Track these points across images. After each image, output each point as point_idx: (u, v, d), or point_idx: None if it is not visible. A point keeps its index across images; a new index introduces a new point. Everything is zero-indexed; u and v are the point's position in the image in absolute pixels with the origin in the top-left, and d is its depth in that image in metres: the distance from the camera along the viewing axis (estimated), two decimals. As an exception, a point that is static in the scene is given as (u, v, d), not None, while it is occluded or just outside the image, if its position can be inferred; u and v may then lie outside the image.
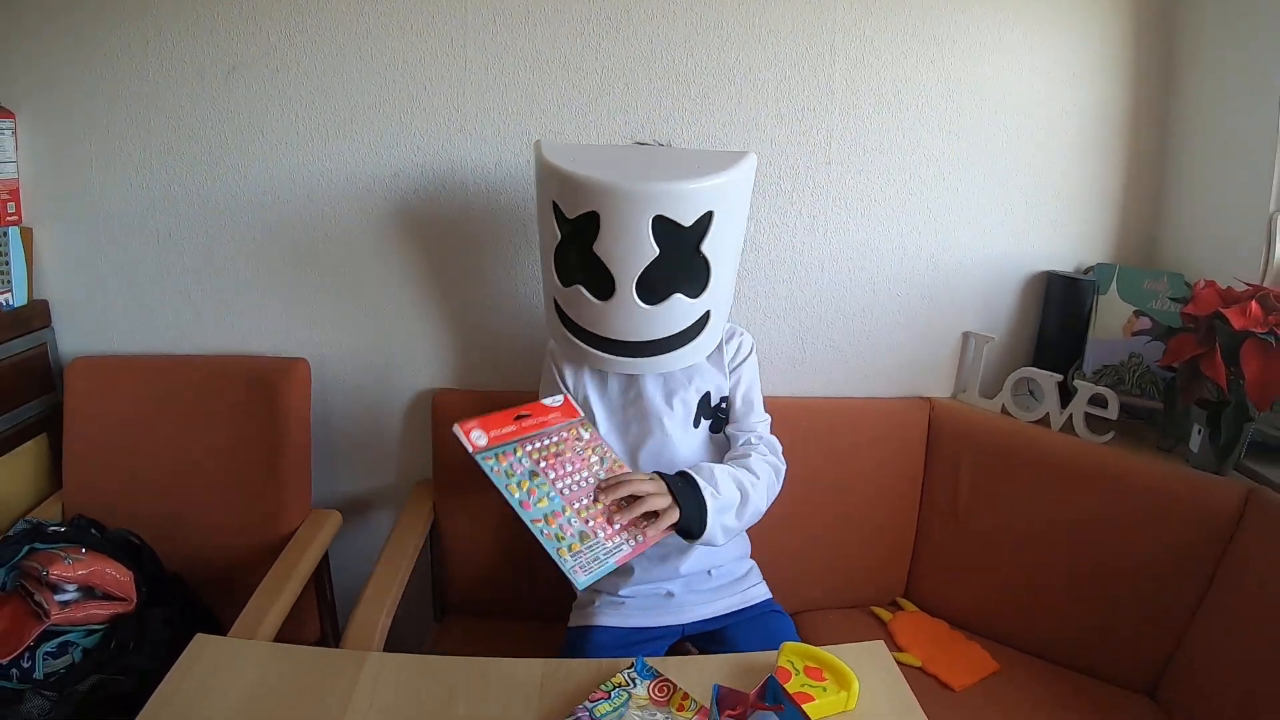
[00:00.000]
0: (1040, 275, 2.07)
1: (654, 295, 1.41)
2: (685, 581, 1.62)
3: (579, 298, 1.44)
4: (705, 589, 1.64)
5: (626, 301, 1.40)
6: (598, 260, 1.38)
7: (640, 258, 1.37)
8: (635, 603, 1.61)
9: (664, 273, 1.40)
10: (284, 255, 1.89)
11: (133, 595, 1.60)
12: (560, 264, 1.46)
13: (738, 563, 1.70)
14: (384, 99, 1.82)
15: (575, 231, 1.40)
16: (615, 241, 1.36)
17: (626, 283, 1.39)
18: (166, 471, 1.83)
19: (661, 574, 1.61)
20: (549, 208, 1.42)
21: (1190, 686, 1.67)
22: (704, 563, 1.63)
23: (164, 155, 1.83)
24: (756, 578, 1.72)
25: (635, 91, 1.85)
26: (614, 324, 1.44)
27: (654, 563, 1.60)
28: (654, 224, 1.35)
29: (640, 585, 1.61)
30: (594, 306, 1.43)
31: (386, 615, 1.51)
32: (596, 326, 1.46)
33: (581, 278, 1.42)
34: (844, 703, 1.18)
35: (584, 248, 1.38)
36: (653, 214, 1.35)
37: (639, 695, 1.18)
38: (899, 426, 2.01)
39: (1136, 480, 1.78)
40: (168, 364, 1.88)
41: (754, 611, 1.66)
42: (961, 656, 1.82)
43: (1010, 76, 1.94)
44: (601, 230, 1.36)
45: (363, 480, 2.07)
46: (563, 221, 1.41)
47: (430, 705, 1.15)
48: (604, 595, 1.62)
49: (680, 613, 1.62)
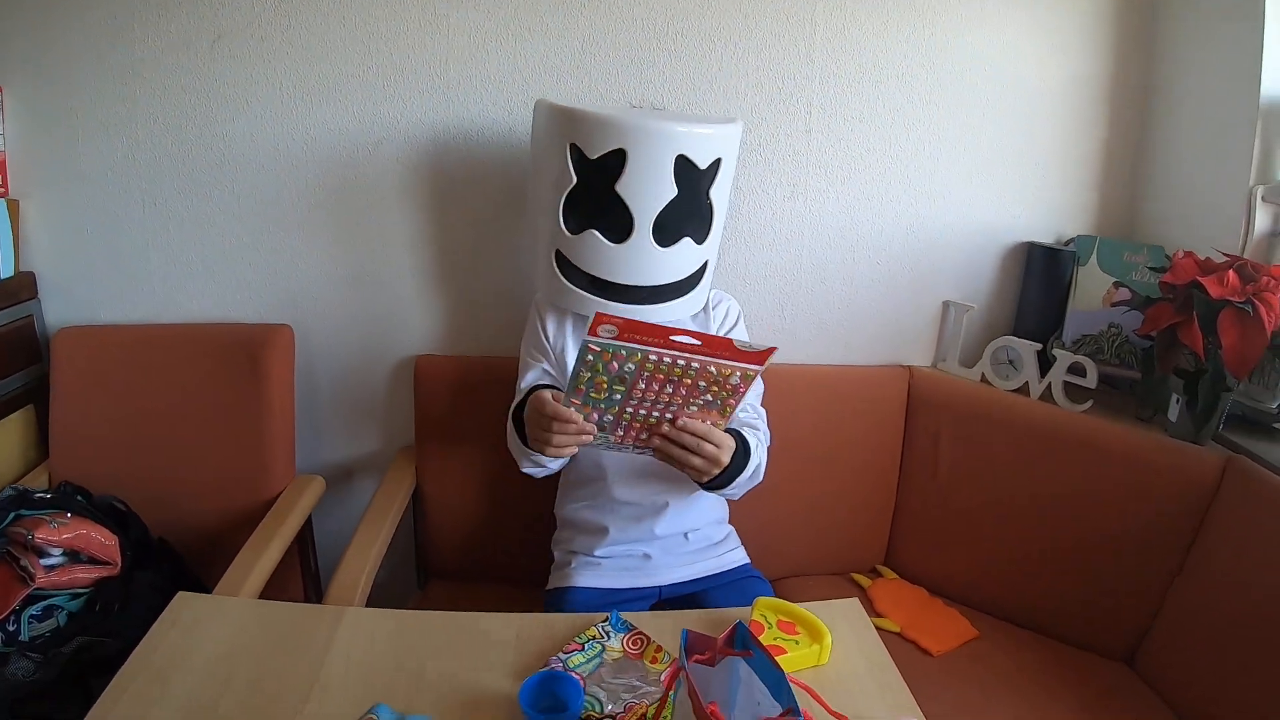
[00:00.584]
0: (1021, 246, 2.08)
1: (667, 238, 1.48)
2: (662, 544, 1.63)
3: (591, 243, 1.47)
4: (682, 552, 1.65)
5: (642, 242, 1.46)
6: (618, 200, 1.43)
7: (661, 197, 1.44)
8: (611, 563, 1.62)
9: (678, 215, 1.47)
10: (268, 223, 1.89)
11: (118, 559, 1.61)
12: (572, 210, 1.48)
13: (715, 527, 1.71)
14: (368, 66, 1.82)
15: (596, 173, 1.43)
16: (640, 180, 1.42)
17: (645, 223, 1.45)
18: (152, 439, 1.83)
19: (637, 534, 1.62)
20: (563, 153, 1.44)
21: (1168, 654, 1.69)
22: (680, 526, 1.64)
23: (150, 125, 1.83)
24: (734, 543, 1.73)
25: (616, 60, 1.86)
26: (626, 267, 1.48)
27: (629, 523, 1.61)
28: (676, 163, 1.43)
29: (616, 546, 1.62)
30: (608, 250, 1.47)
31: (367, 576, 1.52)
32: (607, 272, 1.49)
33: (597, 221, 1.46)
34: (816, 656, 1.20)
35: (604, 189, 1.43)
36: (676, 152, 1.42)
37: (613, 648, 1.20)
38: (879, 394, 2.02)
39: (1115, 449, 1.80)
40: (153, 332, 1.89)
41: (731, 576, 1.67)
42: (940, 622, 1.84)
43: (992, 48, 1.95)
44: (628, 168, 1.41)
45: (347, 446, 2.08)
46: (582, 164, 1.44)
47: (407, 658, 1.17)
48: (580, 556, 1.64)
49: (657, 575, 1.63)
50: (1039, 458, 1.86)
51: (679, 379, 1.21)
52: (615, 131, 1.40)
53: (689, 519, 1.64)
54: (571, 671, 1.13)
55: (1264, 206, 1.81)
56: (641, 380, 1.21)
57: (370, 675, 1.13)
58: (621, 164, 1.41)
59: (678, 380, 1.21)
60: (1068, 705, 1.63)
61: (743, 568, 1.70)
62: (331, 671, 1.13)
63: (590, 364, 1.17)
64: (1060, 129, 2.03)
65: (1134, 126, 2.06)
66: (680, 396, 1.25)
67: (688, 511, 1.64)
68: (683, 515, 1.63)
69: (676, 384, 1.22)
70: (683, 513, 1.62)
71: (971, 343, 2.07)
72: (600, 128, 1.41)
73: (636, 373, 1.19)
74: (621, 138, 1.40)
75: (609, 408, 1.26)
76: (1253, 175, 1.81)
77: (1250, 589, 1.55)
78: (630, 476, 1.60)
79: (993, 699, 1.63)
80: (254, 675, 1.12)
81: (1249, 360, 1.62)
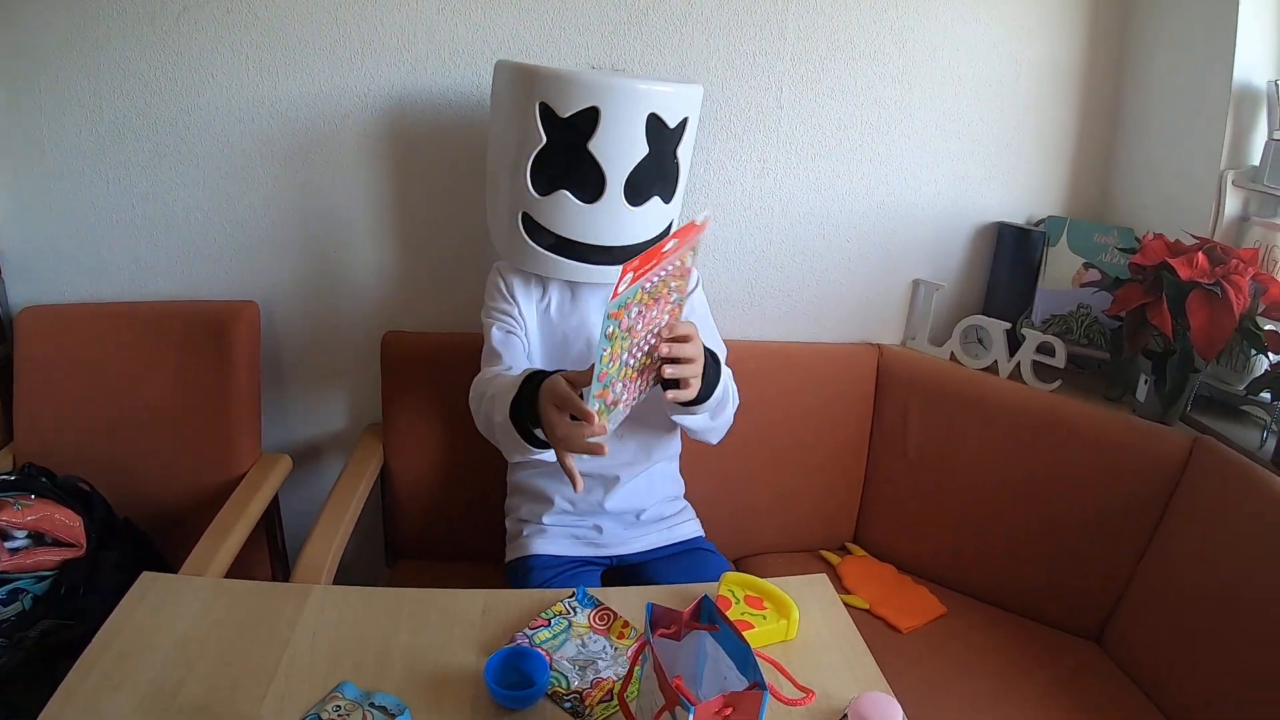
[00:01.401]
0: (991, 225, 2.09)
1: (637, 197, 1.47)
2: (613, 519, 1.63)
3: (561, 203, 1.45)
4: (633, 525, 1.66)
5: (613, 201, 1.45)
6: (590, 159, 1.42)
7: (633, 155, 1.44)
8: (561, 531, 1.62)
9: (648, 174, 1.46)
10: (234, 199, 1.87)
11: (82, 541, 1.58)
12: (540, 171, 1.46)
13: (668, 504, 1.71)
14: (334, 38, 1.79)
15: (567, 131, 1.42)
16: (612, 138, 1.41)
17: (617, 181, 1.44)
18: (117, 418, 1.81)
19: (586, 506, 1.62)
20: (531, 113, 1.42)
21: (1135, 631, 1.71)
22: (632, 503, 1.64)
23: (115, 100, 1.79)
24: (689, 515, 1.74)
25: (586, 32, 1.84)
26: (597, 227, 1.47)
27: (578, 496, 1.60)
28: (647, 122, 1.42)
29: (565, 515, 1.63)
30: (578, 210, 1.45)
31: (334, 555, 1.51)
32: (578, 232, 1.47)
33: (568, 181, 1.44)
34: (784, 631, 1.20)
35: (575, 148, 1.42)
36: (648, 111, 1.42)
37: (579, 623, 1.20)
38: (848, 372, 2.03)
39: (1083, 428, 1.81)
40: (117, 310, 1.86)
41: (683, 547, 1.68)
42: (909, 599, 1.85)
43: (965, 28, 1.95)
44: (600, 126, 1.40)
45: (314, 424, 2.06)
46: (552, 122, 1.42)
47: (373, 635, 1.16)
48: (529, 524, 1.64)
49: (608, 547, 1.63)
50: (1008, 436, 1.87)
51: (659, 294, 1.15)
52: (589, 89, 1.39)
53: (640, 497, 1.64)
54: (538, 647, 1.13)
55: (1234, 190, 1.83)
56: (639, 321, 1.12)
57: (336, 653, 1.12)
58: (594, 122, 1.40)
59: (659, 296, 1.16)
60: (1036, 682, 1.65)
61: (694, 539, 1.70)
62: (298, 650, 1.12)
63: (612, 335, 1.08)
64: (1032, 109, 2.03)
65: (1106, 108, 2.07)
66: (659, 310, 1.18)
67: (640, 489, 1.64)
68: (635, 492, 1.63)
69: (658, 300, 1.16)
70: (635, 490, 1.63)
71: (941, 321, 2.08)
72: (573, 85, 1.40)
73: (636, 315, 1.12)
74: (595, 95, 1.39)
75: (620, 373, 1.14)
76: (1224, 159, 1.82)
77: (1216, 567, 1.57)
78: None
79: (961, 675, 1.65)
80: (220, 655, 1.11)
81: (1217, 342, 1.63)
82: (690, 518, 1.73)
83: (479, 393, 1.43)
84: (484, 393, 1.40)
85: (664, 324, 1.20)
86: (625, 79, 1.41)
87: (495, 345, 1.52)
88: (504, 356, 1.49)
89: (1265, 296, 1.68)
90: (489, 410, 1.36)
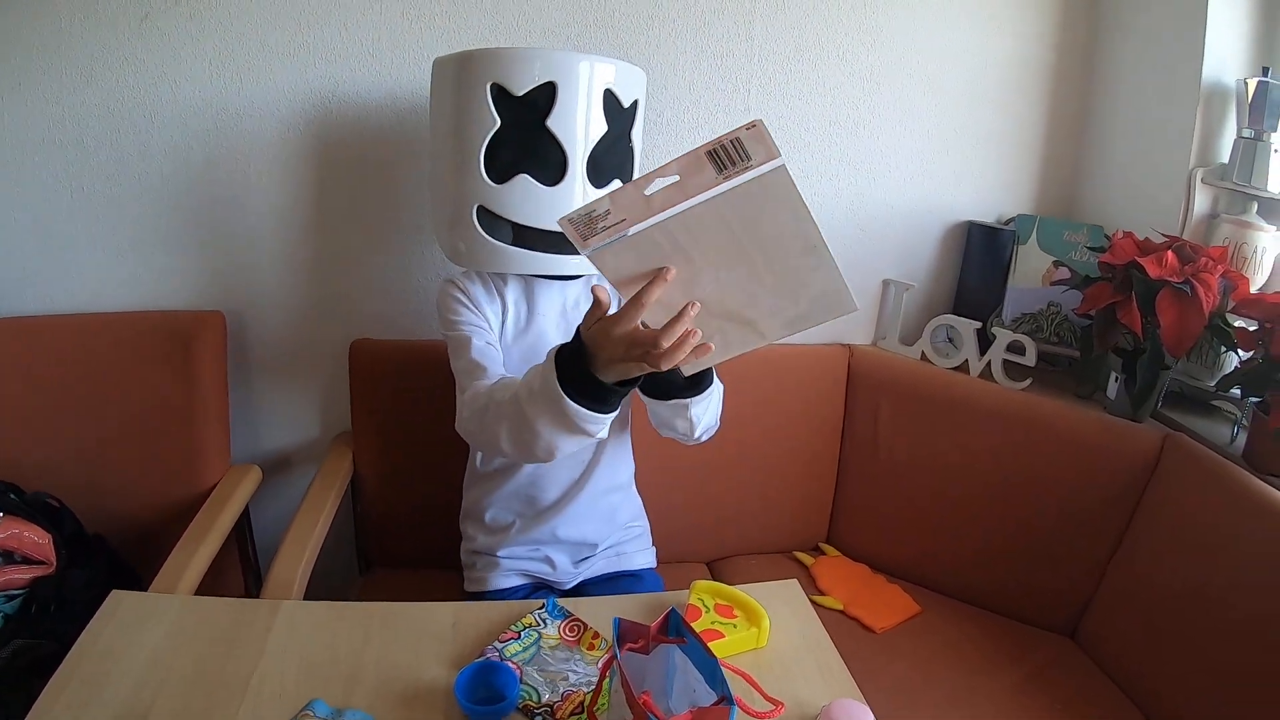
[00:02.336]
0: (961, 225, 2.10)
1: (600, 176, 1.43)
2: (566, 549, 1.59)
3: (522, 189, 1.40)
4: (585, 561, 1.62)
5: (577, 181, 1.40)
6: (550, 137, 1.37)
7: (593, 132, 1.40)
8: (513, 564, 1.57)
9: (609, 154, 1.43)
10: (198, 207, 1.85)
11: (52, 558, 1.56)
12: (495, 157, 1.40)
13: (622, 530, 1.66)
14: (297, 44, 1.77)
15: (524, 111, 1.37)
16: (572, 113, 1.37)
17: (579, 159, 1.39)
18: (84, 432, 1.78)
19: (539, 537, 1.57)
20: (483, 97, 1.37)
21: (1109, 627, 1.72)
22: (585, 534, 1.59)
23: (76, 108, 1.76)
24: (644, 544, 1.70)
25: (553, 36, 1.83)
26: (561, 211, 1.34)
27: (532, 522, 1.56)
28: (604, 98, 1.40)
29: (517, 547, 1.58)
30: (540, 194, 1.39)
31: (305, 567, 1.49)
32: (541, 219, 1.41)
33: (528, 163, 1.39)
34: (755, 639, 1.20)
35: (533, 126, 1.37)
36: (604, 86, 1.39)
37: (549, 635, 1.19)
38: (819, 373, 2.03)
39: (1055, 426, 1.83)
40: (82, 322, 1.83)
41: (628, 574, 1.64)
42: (883, 599, 1.86)
43: (933, 26, 1.96)
44: (558, 103, 1.35)
45: (283, 434, 2.04)
46: (507, 103, 1.37)
47: (344, 650, 1.15)
48: (483, 557, 1.60)
49: (561, 583, 1.59)
50: (979, 435, 1.88)
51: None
52: (544, 64, 1.36)
53: (596, 528, 1.60)
54: (508, 660, 1.12)
55: (1203, 189, 1.84)
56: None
57: (307, 669, 1.11)
58: (551, 99, 1.35)
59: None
60: (1010, 678, 1.65)
61: (644, 571, 1.66)
62: (268, 668, 1.11)
63: None
64: (1001, 108, 2.05)
65: (1075, 106, 2.09)
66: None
67: (595, 517, 1.60)
68: (590, 521, 1.59)
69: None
70: (590, 518, 1.59)
71: (911, 321, 2.09)
72: (527, 61, 1.36)
73: None
74: (552, 70, 1.35)
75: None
76: (1193, 157, 1.84)
77: (1188, 562, 1.58)
78: (548, 470, 1.54)
79: (935, 674, 1.65)
80: (191, 673, 1.10)
81: (1186, 340, 1.64)
82: (644, 547, 1.69)
83: (480, 406, 1.30)
84: (489, 402, 1.28)
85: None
86: (579, 54, 1.39)
87: (475, 357, 1.39)
88: (489, 368, 1.37)
89: (1235, 294, 1.69)
90: (509, 410, 1.22)
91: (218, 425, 1.83)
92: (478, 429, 1.32)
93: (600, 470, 1.58)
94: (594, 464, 1.57)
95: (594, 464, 1.57)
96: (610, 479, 1.61)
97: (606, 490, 1.60)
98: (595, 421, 1.14)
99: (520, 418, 1.20)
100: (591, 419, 1.14)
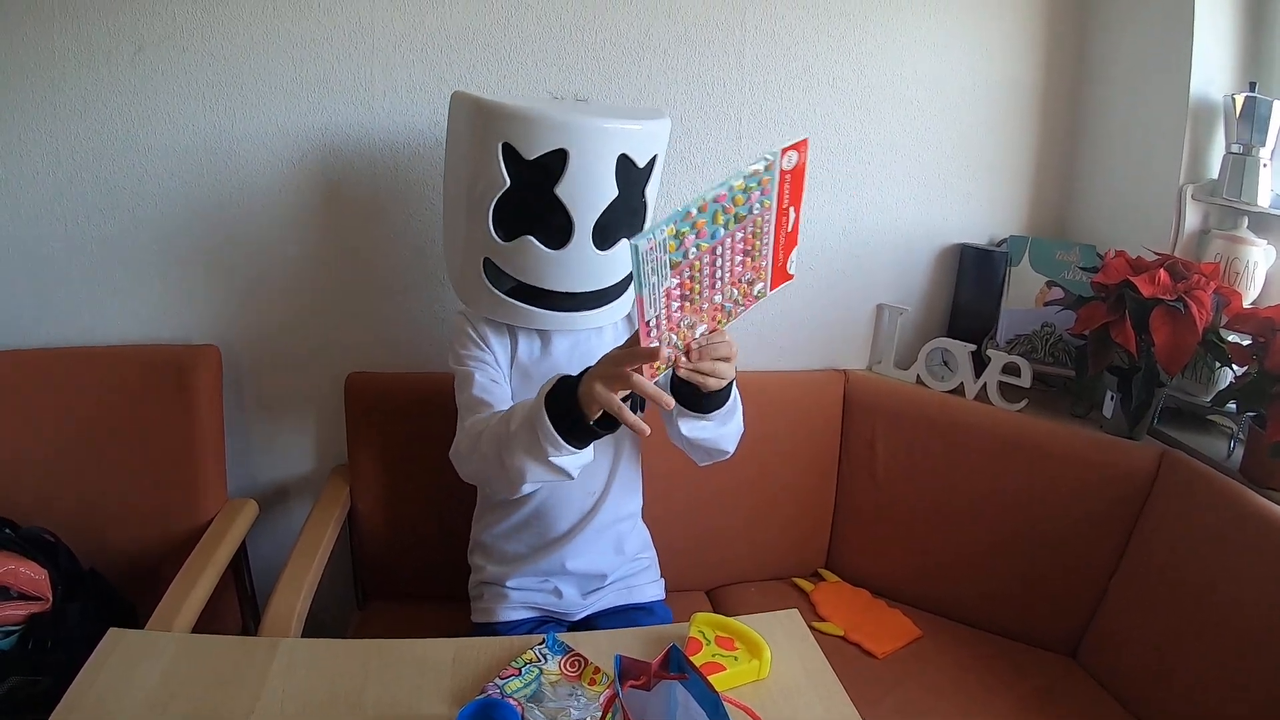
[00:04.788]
0: (953, 247, 2.10)
1: (605, 240, 1.40)
2: (574, 581, 1.58)
3: (527, 250, 1.38)
4: (594, 593, 1.61)
5: (582, 247, 1.38)
6: (558, 204, 1.34)
7: (603, 198, 1.36)
8: (522, 596, 1.57)
9: (617, 216, 1.39)
10: (193, 241, 1.85)
11: (48, 594, 1.55)
12: (505, 216, 1.38)
13: (630, 562, 1.65)
14: (291, 79, 1.78)
15: (533, 174, 1.34)
16: (581, 181, 1.34)
17: (586, 226, 1.36)
18: (79, 467, 1.78)
19: (548, 568, 1.56)
20: (493, 154, 1.33)
21: (1111, 646, 1.72)
22: (596, 565, 1.59)
23: (71, 142, 1.77)
24: (652, 576, 1.68)
25: (544, 64, 1.83)
26: (565, 273, 1.40)
27: (540, 553, 1.56)
28: (617, 163, 1.35)
29: (526, 579, 1.57)
30: (545, 257, 1.38)
31: (303, 602, 1.49)
32: (544, 280, 1.40)
33: (534, 226, 1.37)
34: (756, 671, 1.19)
35: (542, 192, 1.34)
36: (618, 152, 1.35)
37: (550, 671, 1.18)
38: (814, 399, 2.03)
39: (1051, 447, 1.83)
40: (76, 355, 1.83)
41: (637, 608, 1.63)
42: (884, 624, 1.85)
43: (922, 50, 1.97)
44: (569, 169, 1.32)
45: (280, 468, 2.03)
46: (517, 165, 1.34)
47: (343, 688, 1.14)
48: (491, 587, 1.59)
49: (569, 615, 1.58)
50: (976, 457, 1.88)
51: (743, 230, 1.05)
52: (557, 131, 1.31)
53: (605, 559, 1.60)
54: (509, 698, 1.11)
55: (1194, 205, 1.85)
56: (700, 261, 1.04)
57: (306, 708, 1.10)
58: (562, 165, 1.31)
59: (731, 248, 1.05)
60: (1013, 699, 1.65)
61: (653, 604, 1.65)
62: (267, 706, 1.10)
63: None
64: (990, 130, 2.05)
65: (1064, 126, 2.10)
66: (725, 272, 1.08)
67: (605, 547, 1.59)
68: (600, 553, 1.58)
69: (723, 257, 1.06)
70: (600, 549, 1.58)
71: (906, 345, 2.09)
72: (540, 126, 1.31)
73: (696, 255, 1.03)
74: (563, 137, 1.31)
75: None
76: (1182, 174, 1.85)
77: (1188, 579, 1.58)
78: (559, 501, 1.54)
79: (937, 700, 1.65)
80: (189, 712, 1.09)
81: (1181, 357, 1.65)
82: (653, 579, 1.68)
83: (475, 434, 1.34)
84: (485, 428, 1.32)
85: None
86: (594, 118, 1.35)
87: (477, 394, 1.42)
88: (494, 405, 1.39)
89: (1228, 309, 1.70)
90: (499, 427, 1.27)
91: (214, 459, 1.82)
92: (467, 454, 1.36)
93: (610, 501, 1.57)
94: (605, 495, 1.57)
95: (605, 495, 1.57)
96: (619, 510, 1.60)
97: (615, 520, 1.59)
98: (559, 448, 1.18)
99: (505, 435, 1.25)
100: (557, 443, 1.18)
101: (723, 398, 1.32)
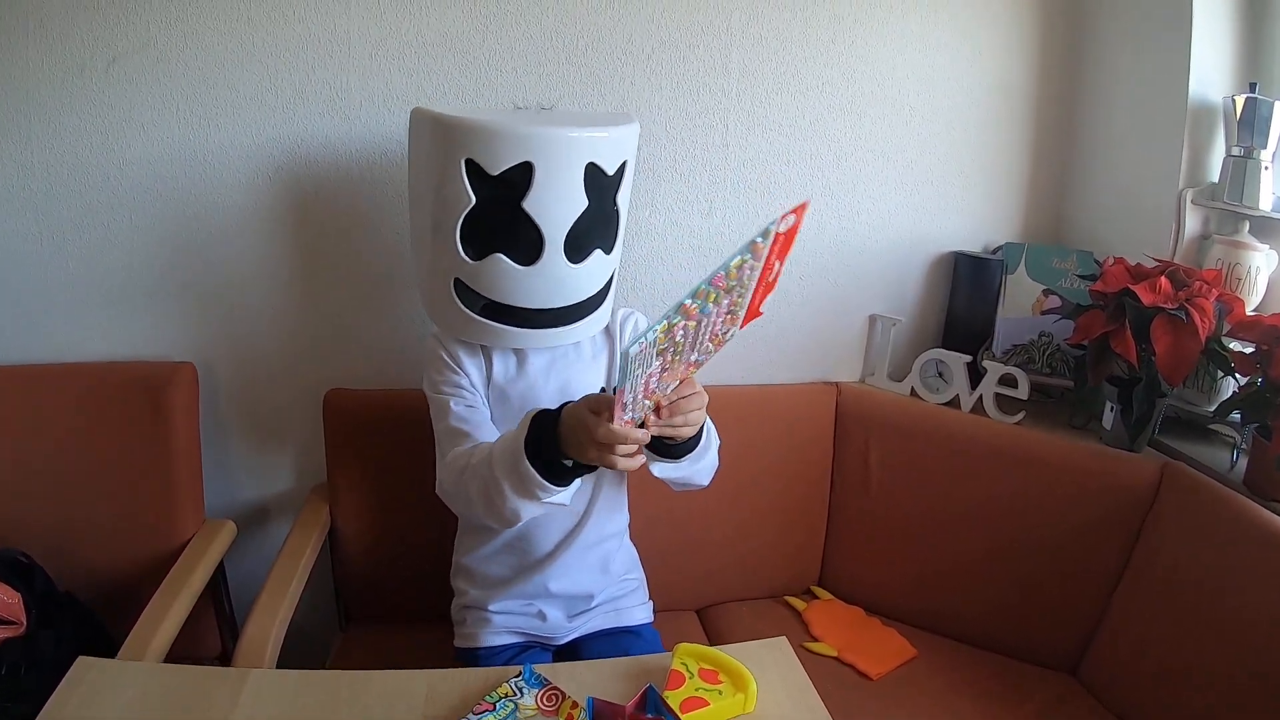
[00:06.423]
0: (947, 255, 2.07)
1: (578, 253, 1.36)
2: (559, 603, 1.55)
3: (496, 268, 1.34)
4: (580, 615, 1.58)
5: (554, 262, 1.34)
6: (526, 219, 1.31)
7: (572, 210, 1.33)
8: (505, 620, 1.54)
9: (588, 226, 1.36)
10: (167, 256, 1.82)
11: (22, 618, 1.52)
12: (472, 233, 1.35)
13: (617, 583, 1.63)
14: (266, 89, 1.75)
15: (498, 190, 1.30)
16: (549, 194, 1.30)
17: (556, 240, 1.33)
18: (53, 487, 1.74)
19: (532, 590, 1.54)
20: (457, 170, 1.30)
21: (1112, 662, 1.69)
22: (582, 586, 1.56)
23: (45, 155, 1.74)
24: (640, 599, 1.66)
25: (523, 72, 1.80)
26: (537, 290, 1.37)
27: (523, 575, 1.54)
28: (586, 172, 1.32)
29: (511, 601, 1.55)
30: (516, 274, 1.34)
31: (280, 625, 1.46)
32: (517, 297, 1.37)
33: (503, 243, 1.33)
34: (741, 705, 1.15)
35: (509, 207, 1.30)
36: (586, 161, 1.32)
37: (526, 705, 1.14)
38: (806, 413, 1.99)
39: (1050, 459, 1.80)
40: (49, 373, 1.79)
41: (624, 631, 1.61)
42: (878, 643, 1.82)
43: (914, 55, 1.94)
44: (535, 183, 1.28)
45: (258, 486, 2.00)
46: (481, 181, 1.30)
47: (314, 721, 1.11)
48: (475, 612, 1.56)
49: (554, 638, 1.56)
50: (973, 471, 1.85)
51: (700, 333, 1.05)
52: (520, 144, 1.28)
53: (590, 579, 1.57)
54: (482, 733, 1.08)
55: (1194, 209, 1.83)
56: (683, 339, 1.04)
57: (275, 742, 1.07)
58: (528, 179, 1.28)
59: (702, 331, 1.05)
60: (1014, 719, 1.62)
61: (641, 626, 1.62)
62: (235, 739, 1.07)
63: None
64: (984, 134, 2.02)
65: (1060, 131, 2.07)
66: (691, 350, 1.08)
67: (589, 568, 1.57)
68: (584, 574, 1.56)
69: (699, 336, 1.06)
70: (583, 570, 1.56)
71: (900, 356, 2.06)
72: (503, 139, 1.28)
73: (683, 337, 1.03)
74: (527, 150, 1.27)
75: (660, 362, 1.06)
76: (1182, 178, 1.82)
77: (1191, 593, 1.55)
78: (542, 522, 1.51)
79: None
80: (157, 747, 1.06)
81: (1183, 367, 1.62)
82: (642, 601, 1.65)
83: (459, 469, 1.33)
84: (467, 464, 1.31)
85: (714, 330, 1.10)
86: (559, 128, 1.31)
87: (454, 423, 1.41)
88: (472, 434, 1.38)
89: (1230, 317, 1.66)
90: (483, 470, 1.27)
91: (190, 479, 1.78)
92: (455, 491, 1.36)
93: (594, 519, 1.54)
94: (588, 514, 1.54)
95: (588, 514, 1.54)
96: (604, 528, 1.57)
97: (600, 539, 1.56)
98: (548, 490, 1.20)
99: (491, 479, 1.25)
100: (545, 488, 1.20)
101: (693, 442, 1.31)
